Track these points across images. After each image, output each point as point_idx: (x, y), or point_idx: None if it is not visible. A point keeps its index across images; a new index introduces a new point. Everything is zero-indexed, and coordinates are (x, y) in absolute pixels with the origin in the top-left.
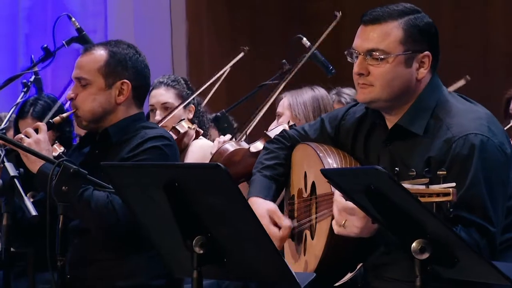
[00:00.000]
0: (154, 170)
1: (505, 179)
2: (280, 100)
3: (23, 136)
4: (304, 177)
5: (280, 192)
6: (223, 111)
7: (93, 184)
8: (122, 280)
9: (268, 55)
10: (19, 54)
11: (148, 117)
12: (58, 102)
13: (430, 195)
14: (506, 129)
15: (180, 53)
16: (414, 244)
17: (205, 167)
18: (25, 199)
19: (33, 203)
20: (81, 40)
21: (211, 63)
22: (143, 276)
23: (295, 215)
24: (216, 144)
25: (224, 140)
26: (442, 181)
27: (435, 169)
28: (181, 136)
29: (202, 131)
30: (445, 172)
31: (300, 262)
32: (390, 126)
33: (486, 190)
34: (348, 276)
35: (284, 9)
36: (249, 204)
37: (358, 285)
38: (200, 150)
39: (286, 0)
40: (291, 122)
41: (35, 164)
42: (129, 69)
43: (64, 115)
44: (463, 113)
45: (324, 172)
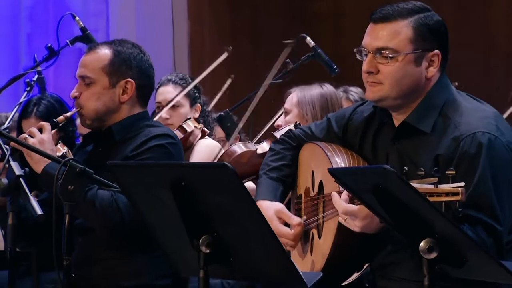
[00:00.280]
0: (161, 169)
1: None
2: (289, 95)
3: (27, 136)
4: (312, 176)
5: (287, 194)
6: (226, 110)
7: (99, 184)
8: (127, 279)
9: (270, 54)
10: (21, 53)
11: (154, 114)
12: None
13: (438, 194)
14: None
15: (181, 52)
16: (422, 244)
17: (212, 167)
18: (31, 198)
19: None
20: (85, 39)
21: (212, 63)
22: (148, 276)
23: (302, 214)
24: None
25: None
26: (451, 181)
27: (443, 167)
28: (187, 135)
29: (208, 131)
30: (454, 172)
31: (306, 262)
32: (397, 124)
33: (493, 188)
34: (355, 275)
35: (286, 9)
36: (256, 204)
37: (365, 285)
38: (206, 149)
39: (288, 0)
40: (297, 122)
41: (39, 164)
42: (133, 68)
43: (68, 114)
44: (471, 111)
45: (332, 171)
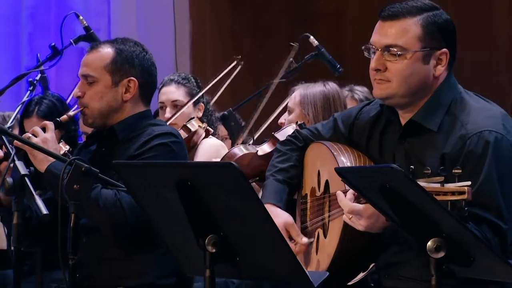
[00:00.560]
0: (167, 168)
1: None
2: (292, 93)
3: (30, 135)
4: (318, 175)
5: (293, 195)
6: (230, 109)
7: (104, 183)
8: (131, 279)
9: (272, 54)
10: (22, 53)
11: (157, 114)
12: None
13: (445, 193)
14: None
15: (183, 52)
16: (429, 243)
17: (219, 166)
18: (36, 197)
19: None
20: (89, 38)
21: (214, 63)
22: (152, 275)
23: (307, 214)
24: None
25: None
26: (457, 180)
27: (449, 165)
28: (191, 134)
29: (212, 130)
30: (460, 171)
31: (312, 261)
32: (404, 123)
33: (499, 187)
34: (361, 275)
35: (288, 8)
36: (263, 203)
37: (370, 285)
38: (210, 148)
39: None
40: (299, 122)
41: (43, 163)
42: (136, 67)
43: (71, 113)
44: (478, 110)
45: (339, 170)
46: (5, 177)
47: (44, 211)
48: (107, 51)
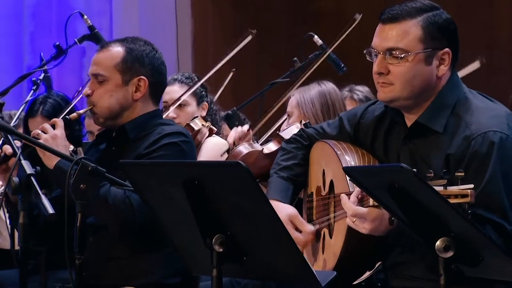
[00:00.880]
0: (174, 168)
1: None
2: (289, 99)
3: (40, 132)
4: (323, 174)
5: (297, 193)
6: (234, 109)
7: (111, 182)
8: (137, 278)
9: (273, 53)
10: (24, 52)
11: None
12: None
13: (448, 196)
14: None
15: (185, 51)
16: (438, 243)
17: (226, 165)
18: (42, 197)
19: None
20: (93, 38)
21: (216, 62)
22: (158, 274)
23: (313, 212)
24: (232, 134)
25: (242, 130)
26: (460, 182)
27: (454, 166)
28: (194, 133)
29: (215, 129)
30: (463, 174)
31: (318, 261)
32: (410, 124)
33: (504, 188)
34: (367, 274)
35: (289, 7)
36: (270, 202)
37: (377, 284)
38: (214, 147)
39: None
40: (303, 121)
41: (52, 159)
42: (146, 66)
43: (81, 111)
44: (483, 110)
45: (347, 170)
46: (11, 176)
47: (50, 210)
48: (118, 50)
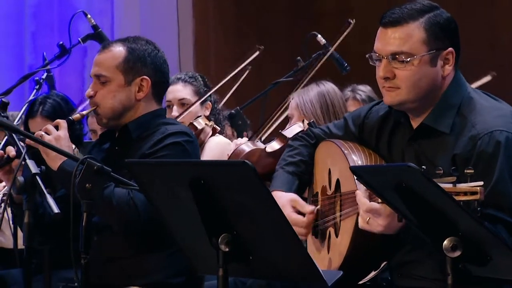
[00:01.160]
0: (180, 167)
1: None
2: (290, 102)
3: (43, 133)
4: (329, 174)
5: (303, 190)
6: (237, 108)
7: (116, 182)
8: (141, 278)
9: (275, 52)
10: (26, 52)
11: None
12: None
13: (457, 193)
14: None
15: (187, 51)
16: (445, 242)
17: (232, 164)
18: (48, 196)
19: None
20: (97, 37)
21: (218, 62)
22: (162, 274)
23: (319, 212)
24: (233, 146)
25: (240, 142)
26: (470, 180)
27: (461, 166)
28: (198, 132)
29: (219, 128)
30: (472, 171)
31: (323, 260)
32: (415, 126)
33: None
34: (372, 274)
35: (291, 7)
36: (276, 201)
37: (382, 284)
38: (217, 146)
39: None
40: (305, 121)
41: (56, 161)
42: (148, 65)
43: (84, 112)
44: (488, 110)
45: (354, 169)
46: (16, 175)
47: (56, 210)
48: (119, 50)
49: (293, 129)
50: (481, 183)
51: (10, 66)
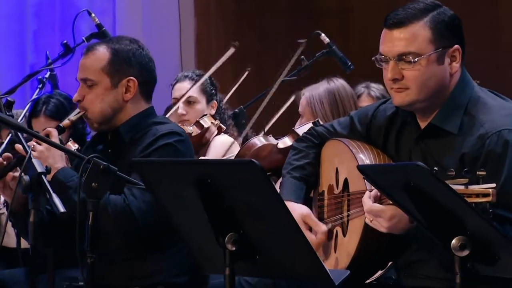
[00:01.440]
0: (186, 166)
1: None
2: (300, 98)
3: (35, 144)
4: (336, 173)
5: (310, 192)
6: (241, 107)
7: (123, 181)
8: (144, 278)
9: (277, 51)
10: (27, 51)
11: (169, 109)
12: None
13: (469, 195)
14: None
15: (188, 49)
16: (454, 241)
17: (239, 163)
18: (53, 195)
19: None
20: (101, 36)
21: (219, 58)
22: (164, 274)
23: (325, 211)
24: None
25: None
26: (482, 181)
27: (469, 165)
28: (203, 131)
29: (224, 127)
30: (484, 173)
31: (330, 259)
32: (423, 125)
33: None
34: (379, 273)
35: (292, 5)
36: (283, 200)
37: (389, 283)
38: (222, 145)
39: None
40: (317, 119)
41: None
42: (134, 66)
43: (73, 118)
44: (496, 109)
45: (361, 168)
46: (22, 175)
47: (62, 209)
48: (103, 52)
49: (306, 128)
50: (493, 185)
51: (12, 65)
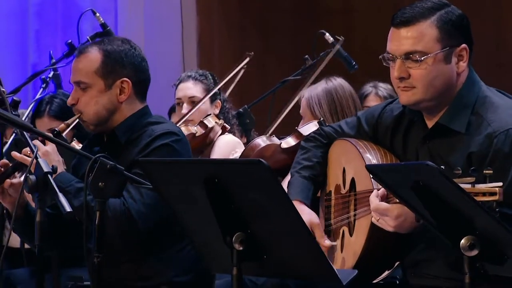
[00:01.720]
0: (194, 166)
1: None
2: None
3: (38, 144)
4: (343, 172)
5: (317, 192)
6: (245, 107)
7: (129, 180)
8: (146, 278)
9: (279, 50)
10: (29, 50)
11: (173, 110)
12: None
13: (476, 194)
14: None
15: (190, 48)
16: (463, 241)
17: (247, 163)
18: (59, 195)
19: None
20: (106, 35)
21: (221, 59)
22: (169, 273)
23: (332, 211)
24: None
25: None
26: (488, 180)
27: (476, 164)
28: (208, 130)
29: (228, 127)
30: (491, 171)
31: (336, 259)
32: (430, 125)
33: None
34: (386, 273)
35: (295, 5)
36: (290, 200)
37: (396, 283)
38: (226, 145)
39: None
40: (321, 119)
41: None
42: (127, 66)
43: (69, 121)
44: (504, 108)
45: (370, 167)
46: (28, 174)
47: (68, 208)
48: (95, 54)
49: (309, 127)
50: (500, 184)
51: (14, 65)
